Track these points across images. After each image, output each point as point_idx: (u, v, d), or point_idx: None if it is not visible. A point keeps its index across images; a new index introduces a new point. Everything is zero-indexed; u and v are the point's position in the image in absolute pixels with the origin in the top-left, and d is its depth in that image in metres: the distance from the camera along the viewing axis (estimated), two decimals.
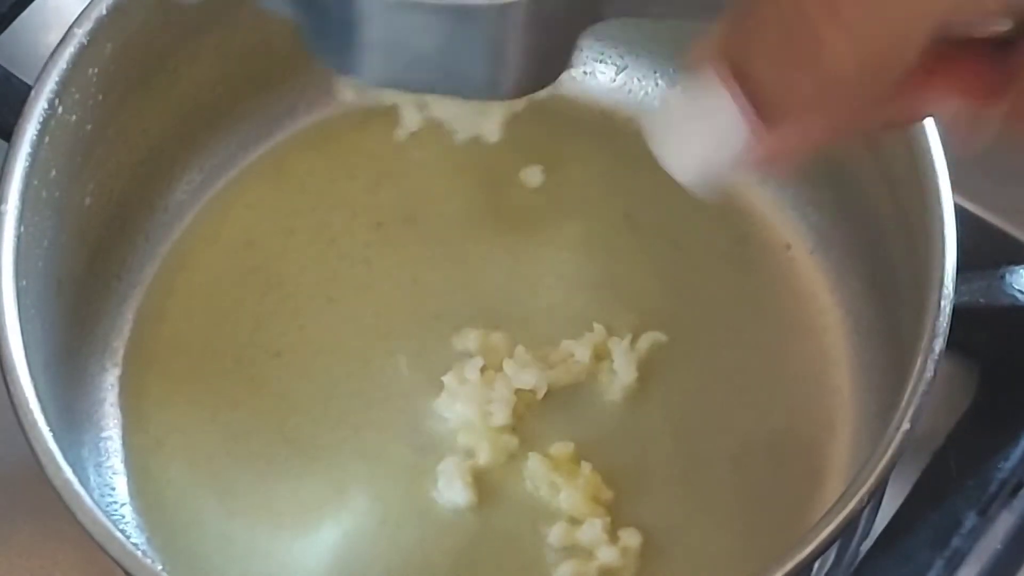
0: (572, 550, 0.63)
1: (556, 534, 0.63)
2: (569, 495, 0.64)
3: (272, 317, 0.69)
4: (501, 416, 0.65)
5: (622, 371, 0.66)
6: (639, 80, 0.74)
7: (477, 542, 0.64)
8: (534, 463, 0.64)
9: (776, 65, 0.39)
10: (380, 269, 0.70)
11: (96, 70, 0.64)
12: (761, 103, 0.39)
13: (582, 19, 0.47)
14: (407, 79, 0.47)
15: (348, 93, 0.49)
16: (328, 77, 0.73)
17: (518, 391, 0.65)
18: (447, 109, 0.53)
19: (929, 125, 0.59)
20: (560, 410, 0.66)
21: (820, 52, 0.37)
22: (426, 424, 0.66)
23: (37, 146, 0.61)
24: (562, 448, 0.65)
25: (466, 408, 0.65)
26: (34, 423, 0.56)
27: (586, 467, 0.64)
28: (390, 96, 0.51)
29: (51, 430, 0.56)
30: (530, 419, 0.66)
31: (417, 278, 0.70)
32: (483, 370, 0.66)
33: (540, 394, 0.66)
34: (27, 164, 0.60)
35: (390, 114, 0.73)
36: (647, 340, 0.67)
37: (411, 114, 0.53)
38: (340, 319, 0.69)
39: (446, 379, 0.66)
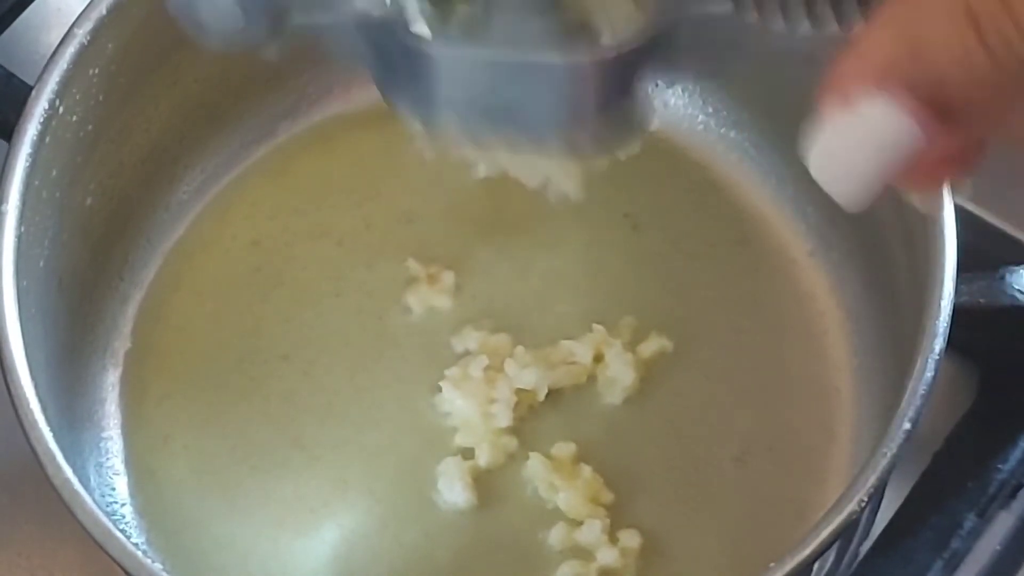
0: (572, 551, 0.63)
1: (556, 535, 0.63)
2: (569, 496, 0.64)
3: (273, 317, 0.69)
4: (503, 417, 0.65)
5: (620, 373, 0.66)
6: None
7: (477, 543, 0.64)
8: (534, 464, 0.65)
9: (958, 61, 0.37)
10: (380, 269, 0.70)
11: (97, 70, 0.64)
12: (940, 103, 0.38)
13: (653, 74, 0.47)
14: (485, 132, 0.48)
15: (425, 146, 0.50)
16: (328, 77, 0.74)
17: (519, 391, 0.65)
18: (523, 165, 0.53)
19: None
20: (560, 411, 0.66)
21: (1009, 36, 0.36)
22: (427, 425, 0.66)
23: (38, 146, 0.61)
24: (563, 449, 0.65)
25: (466, 404, 0.65)
26: (35, 423, 0.56)
27: (586, 468, 0.64)
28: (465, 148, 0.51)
29: (51, 430, 0.56)
30: (530, 420, 0.66)
31: (416, 280, 0.70)
32: (484, 369, 0.66)
33: (541, 395, 0.66)
34: (28, 164, 0.60)
35: (391, 114, 0.73)
36: (649, 346, 0.67)
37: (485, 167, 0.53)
38: (341, 319, 0.69)
39: (448, 373, 0.66)
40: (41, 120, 0.61)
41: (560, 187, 0.53)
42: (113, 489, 0.65)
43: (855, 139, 0.39)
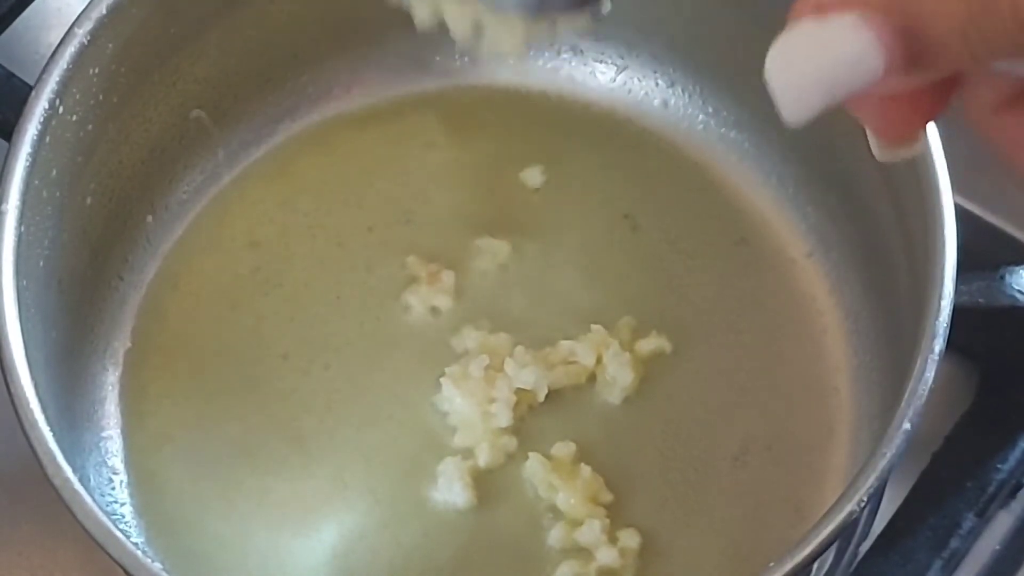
0: (571, 551, 0.63)
1: (555, 535, 0.63)
2: (568, 496, 0.64)
3: (273, 317, 0.69)
4: (503, 417, 0.65)
5: (619, 373, 0.66)
6: (639, 80, 0.74)
7: (476, 543, 0.64)
8: (534, 464, 0.64)
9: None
10: (380, 269, 0.70)
11: (97, 70, 0.64)
12: (910, 37, 0.37)
13: None
14: None
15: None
16: (328, 77, 0.74)
17: (519, 391, 0.65)
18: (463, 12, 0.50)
19: (929, 127, 0.59)
20: (560, 411, 0.66)
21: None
22: (426, 425, 0.66)
23: (38, 146, 0.61)
24: (563, 449, 0.65)
25: (466, 404, 0.65)
26: (34, 423, 0.56)
27: (586, 468, 0.64)
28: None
29: (51, 430, 0.56)
30: (530, 420, 0.66)
31: (417, 279, 0.70)
32: (484, 368, 0.66)
33: (541, 396, 0.66)
34: (28, 164, 0.60)
35: (391, 114, 0.74)
36: (648, 346, 0.67)
37: (424, 15, 0.50)
38: (340, 319, 0.69)
39: (448, 371, 0.66)
40: (41, 120, 0.61)
41: (497, 43, 0.50)
42: (113, 489, 0.65)
43: (816, 47, 0.38)
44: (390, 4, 0.50)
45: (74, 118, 0.63)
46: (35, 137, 0.61)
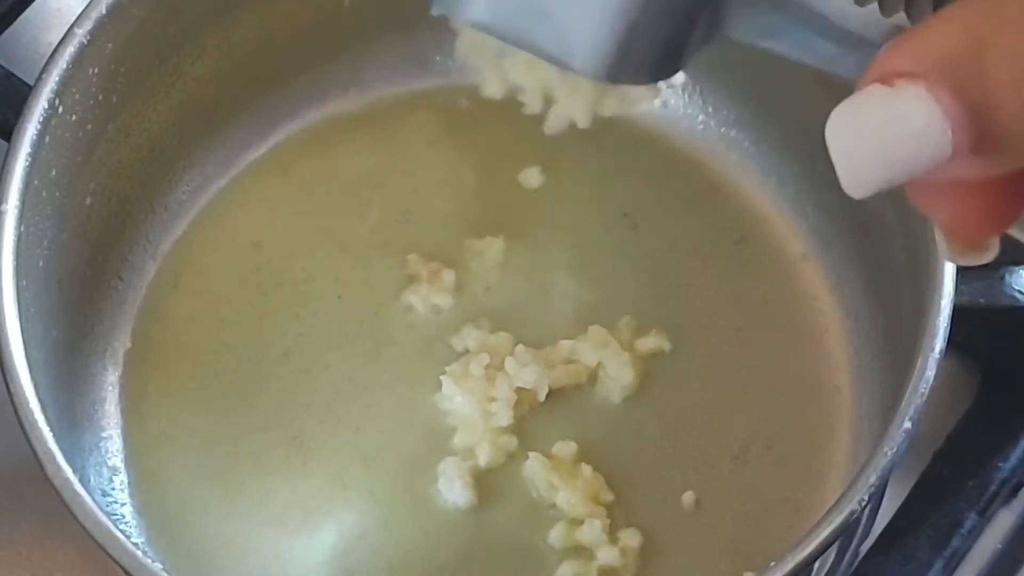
0: (572, 550, 0.63)
1: (556, 535, 0.63)
2: (569, 496, 0.64)
3: (273, 317, 0.69)
4: (504, 416, 0.65)
5: (619, 373, 0.66)
6: None
7: (477, 542, 0.64)
8: (534, 463, 0.64)
9: (1014, 80, 0.33)
10: (380, 268, 0.70)
11: (96, 70, 0.64)
12: (986, 118, 0.34)
13: (706, 27, 0.43)
14: (510, 25, 0.42)
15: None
16: (328, 77, 0.74)
17: (519, 390, 0.65)
18: (533, 79, 0.48)
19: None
20: (560, 411, 0.66)
21: None
22: (426, 424, 0.66)
23: (37, 146, 0.61)
24: (563, 448, 0.65)
25: (466, 403, 0.65)
26: (34, 423, 0.56)
27: (586, 468, 0.64)
28: (475, 61, 0.48)
29: (51, 430, 0.56)
30: (530, 419, 0.66)
31: (417, 279, 0.70)
32: (485, 367, 0.66)
33: (541, 395, 0.66)
34: (27, 164, 0.60)
35: (391, 114, 0.74)
36: (648, 345, 0.67)
37: (493, 84, 0.49)
38: (340, 320, 0.69)
39: (449, 369, 0.66)
40: (41, 120, 0.61)
41: (566, 113, 0.49)
42: (113, 489, 0.65)
43: (880, 117, 0.36)
44: (487, 94, 0.50)
45: (74, 118, 0.63)
46: (35, 137, 0.61)
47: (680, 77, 0.46)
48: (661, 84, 0.44)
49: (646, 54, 0.42)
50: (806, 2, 0.40)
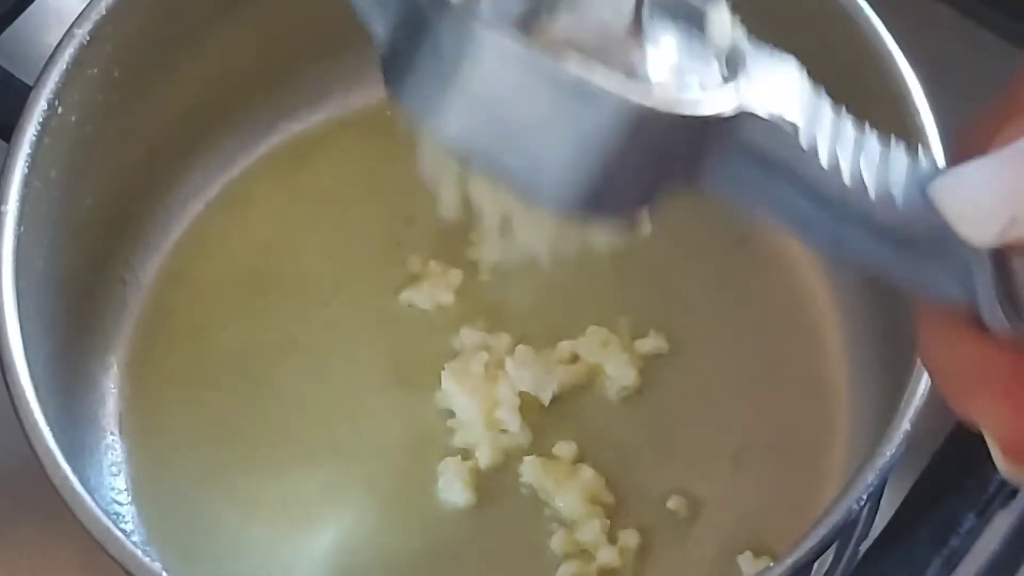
0: (572, 551, 0.63)
1: (555, 535, 0.63)
2: (568, 496, 0.64)
3: (273, 317, 0.69)
4: (512, 423, 0.65)
5: (619, 373, 0.66)
6: None
7: (476, 543, 0.64)
8: (534, 464, 0.65)
9: None
10: (381, 268, 0.70)
11: (97, 70, 0.64)
12: None
13: (682, 171, 0.41)
14: (479, 145, 0.39)
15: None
16: (328, 78, 0.74)
17: (522, 395, 0.65)
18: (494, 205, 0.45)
19: (932, 134, 0.59)
20: (560, 411, 0.66)
21: None
22: (427, 424, 0.66)
23: (37, 146, 0.61)
24: (564, 449, 0.65)
25: (467, 402, 0.65)
26: (34, 423, 0.56)
27: (586, 469, 0.64)
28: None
29: (51, 430, 0.56)
30: (530, 419, 0.66)
31: (417, 279, 0.70)
32: (486, 366, 0.66)
33: (546, 400, 0.66)
34: (27, 164, 0.60)
35: (391, 113, 0.73)
36: (647, 346, 0.67)
37: (449, 201, 0.46)
38: (341, 320, 0.69)
39: (449, 366, 0.66)
40: (41, 120, 0.61)
41: (524, 244, 0.46)
42: (113, 489, 0.66)
43: (991, 181, 0.36)
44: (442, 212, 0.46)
45: (74, 118, 0.63)
46: (34, 137, 0.61)
47: (646, 224, 0.44)
48: (624, 225, 0.43)
49: (618, 194, 0.40)
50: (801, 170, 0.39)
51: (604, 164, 0.38)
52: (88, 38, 0.62)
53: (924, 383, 0.55)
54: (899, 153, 0.40)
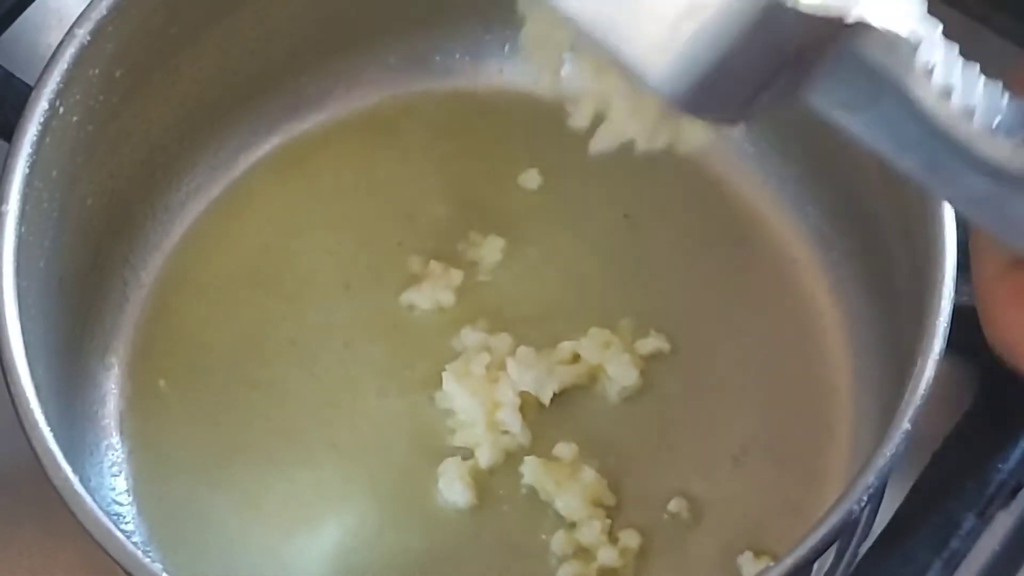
0: (572, 551, 0.63)
1: (556, 535, 0.63)
2: (569, 497, 0.64)
3: (274, 317, 0.69)
4: (514, 424, 0.65)
5: (620, 373, 0.66)
6: None
7: (477, 543, 0.64)
8: (534, 464, 0.65)
9: None
10: (381, 268, 0.70)
11: (97, 70, 0.64)
12: None
13: (787, 82, 0.40)
14: (597, 15, 0.38)
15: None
16: (328, 78, 0.74)
17: (523, 395, 0.65)
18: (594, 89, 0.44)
19: None
20: (560, 411, 0.66)
21: None
22: (427, 424, 0.66)
23: (38, 146, 0.61)
24: (565, 449, 0.65)
25: (468, 402, 0.65)
26: (35, 423, 0.56)
27: (587, 469, 0.64)
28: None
29: (51, 430, 0.56)
30: (531, 419, 0.66)
31: (418, 279, 0.70)
32: (486, 367, 0.66)
33: (546, 400, 0.66)
34: (28, 164, 0.60)
35: (391, 114, 0.74)
36: (648, 346, 0.67)
37: (548, 83, 0.44)
38: (341, 320, 0.69)
39: (449, 367, 0.66)
40: (41, 120, 0.61)
41: (618, 133, 0.45)
42: (113, 489, 0.66)
43: None
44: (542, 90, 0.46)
45: (74, 118, 0.63)
46: (35, 138, 0.61)
47: (740, 127, 0.43)
48: (717, 129, 0.42)
49: (727, 90, 0.39)
50: (907, 90, 0.39)
51: (721, 55, 0.38)
52: (89, 38, 0.62)
53: (924, 383, 0.55)
54: (1005, 91, 0.40)
